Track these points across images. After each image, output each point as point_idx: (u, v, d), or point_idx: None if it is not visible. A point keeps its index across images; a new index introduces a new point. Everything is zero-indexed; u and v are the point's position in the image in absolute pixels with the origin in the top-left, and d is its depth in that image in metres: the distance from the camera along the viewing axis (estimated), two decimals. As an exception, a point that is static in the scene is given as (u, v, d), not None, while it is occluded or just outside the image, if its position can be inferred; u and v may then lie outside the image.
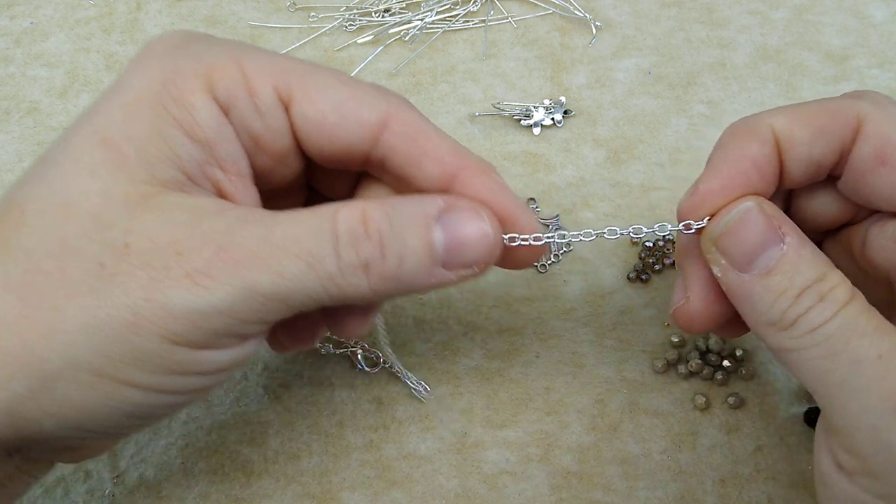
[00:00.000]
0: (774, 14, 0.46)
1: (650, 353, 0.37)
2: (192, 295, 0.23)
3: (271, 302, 0.23)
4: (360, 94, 0.26)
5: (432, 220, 0.24)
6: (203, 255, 0.23)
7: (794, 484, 0.34)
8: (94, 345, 0.22)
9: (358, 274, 0.24)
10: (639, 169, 0.41)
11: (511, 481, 0.34)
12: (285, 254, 0.23)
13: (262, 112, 0.25)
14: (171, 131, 0.24)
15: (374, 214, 0.24)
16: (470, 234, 0.25)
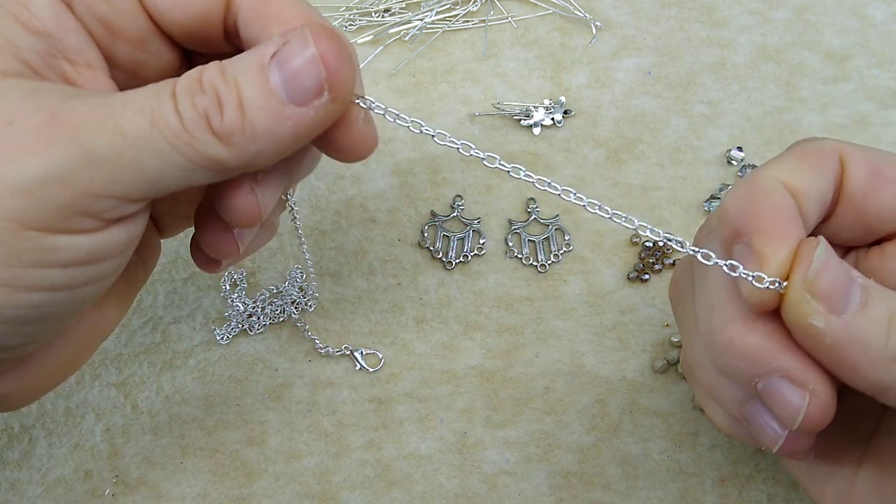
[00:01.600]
0: (774, 14, 0.46)
1: (650, 353, 0.37)
2: (24, 165, 0.21)
3: (118, 169, 0.21)
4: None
5: (266, 62, 0.22)
6: (34, 122, 0.21)
7: (794, 484, 0.34)
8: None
9: (203, 128, 0.22)
10: (639, 169, 0.41)
11: (511, 481, 0.34)
12: (123, 112, 0.21)
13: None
14: (8, 25, 0.23)
15: (209, 70, 0.22)
16: (300, 61, 0.22)
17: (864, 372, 0.23)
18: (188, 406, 0.36)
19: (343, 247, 0.39)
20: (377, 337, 0.37)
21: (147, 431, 0.35)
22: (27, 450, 0.35)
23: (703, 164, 0.42)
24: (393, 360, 0.37)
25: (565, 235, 0.40)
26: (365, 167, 0.42)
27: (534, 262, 0.39)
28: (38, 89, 0.22)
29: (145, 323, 0.37)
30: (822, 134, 0.42)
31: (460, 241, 0.39)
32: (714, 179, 0.41)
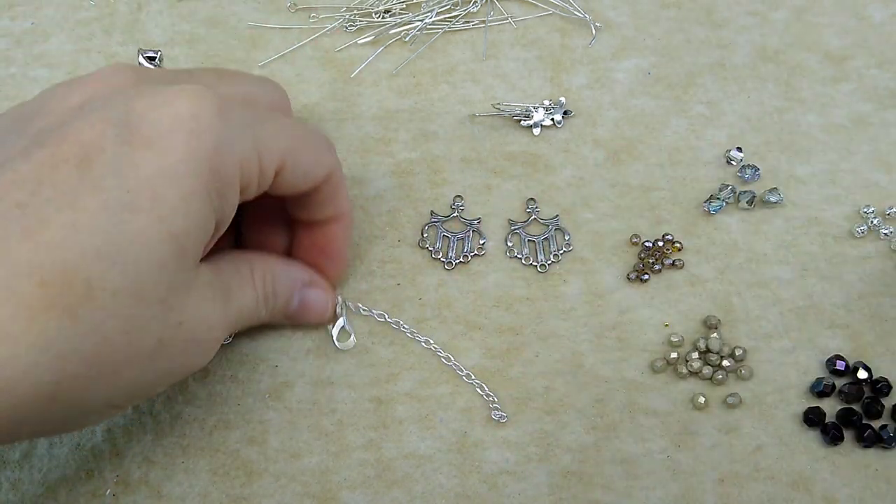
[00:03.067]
0: (774, 15, 0.46)
1: (650, 353, 0.37)
2: (202, 356, 0.31)
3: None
4: (320, 156, 0.33)
5: (297, 288, 0.36)
6: (216, 334, 0.31)
7: (793, 484, 0.34)
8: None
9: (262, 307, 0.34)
10: (638, 169, 0.42)
11: (511, 481, 0.34)
12: (240, 315, 0.33)
13: (261, 186, 0.31)
14: (211, 223, 0.29)
15: (269, 285, 0.34)
16: (314, 309, 0.37)
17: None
18: (189, 406, 0.36)
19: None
20: (377, 337, 0.37)
21: (148, 431, 0.35)
22: (28, 450, 0.35)
23: (702, 165, 0.42)
24: (393, 360, 0.37)
25: (565, 235, 0.40)
26: (364, 168, 0.42)
27: (534, 262, 0.39)
28: (216, 292, 0.31)
29: (146, 323, 0.37)
30: (822, 134, 0.42)
31: (460, 241, 0.40)
32: (713, 180, 0.41)
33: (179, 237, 0.27)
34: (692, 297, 0.38)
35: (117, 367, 0.27)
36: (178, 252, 0.27)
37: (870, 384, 0.36)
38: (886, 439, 0.34)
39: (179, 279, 0.28)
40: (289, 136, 0.31)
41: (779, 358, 0.37)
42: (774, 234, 0.40)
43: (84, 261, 0.25)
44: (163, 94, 0.28)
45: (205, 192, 0.28)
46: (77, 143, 0.26)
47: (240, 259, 0.33)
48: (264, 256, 0.35)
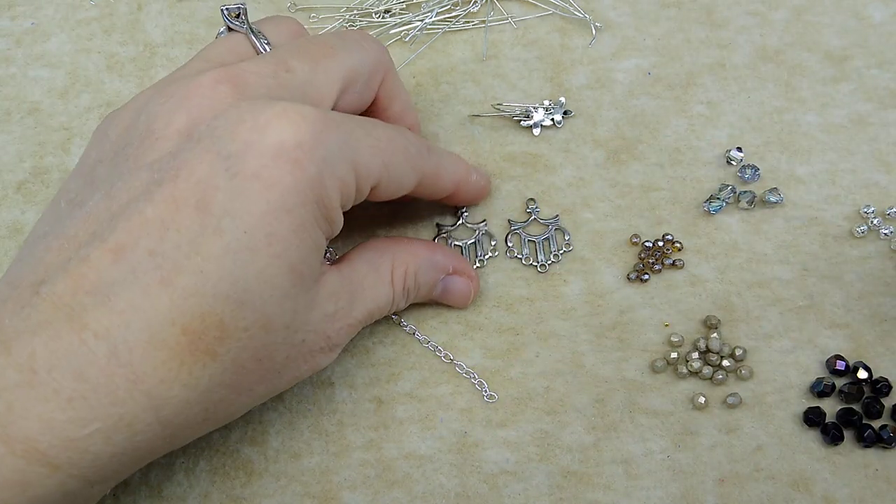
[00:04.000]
0: (774, 15, 0.46)
1: (650, 353, 0.37)
2: (327, 358, 0.33)
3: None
4: (415, 165, 0.34)
5: (440, 278, 0.37)
6: (338, 339, 0.33)
7: (793, 483, 0.34)
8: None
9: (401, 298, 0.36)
10: (638, 169, 0.42)
11: (511, 481, 0.34)
12: (369, 314, 0.34)
13: (357, 201, 0.32)
14: (322, 244, 0.30)
15: (410, 280, 0.36)
16: (458, 292, 0.38)
17: None
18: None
19: (343, 248, 0.40)
20: (377, 337, 0.37)
21: (148, 431, 0.35)
22: (28, 450, 0.35)
23: (702, 165, 0.42)
24: (393, 360, 0.37)
25: (565, 235, 0.40)
26: (365, 168, 0.42)
27: (534, 262, 0.39)
28: (336, 306, 0.32)
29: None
30: (822, 134, 0.42)
31: (472, 246, 0.40)
32: (713, 180, 0.41)
33: (296, 267, 0.29)
34: (692, 297, 0.38)
35: (252, 386, 0.30)
36: (297, 281, 0.29)
37: (870, 384, 0.36)
38: (886, 439, 0.34)
39: (301, 303, 0.30)
40: (384, 153, 0.32)
41: (779, 358, 0.37)
42: (774, 234, 0.40)
43: (216, 304, 0.27)
44: (265, 117, 0.28)
45: (312, 220, 0.29)
46: (193, 181, 0.28)
47: (382, 253, 0.35)
48: (410, 247, 0.36)
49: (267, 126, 0.28)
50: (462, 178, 0.37)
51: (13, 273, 0.29)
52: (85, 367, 0.26)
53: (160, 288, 0.27)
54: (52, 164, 0.42)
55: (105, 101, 0.44)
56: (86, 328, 0.26)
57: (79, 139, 0.43)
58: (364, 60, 0.34)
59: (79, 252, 0.27)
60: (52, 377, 0.25)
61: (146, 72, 0.45)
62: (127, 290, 0.27)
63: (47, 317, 0.26)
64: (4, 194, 0.41)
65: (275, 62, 0.32)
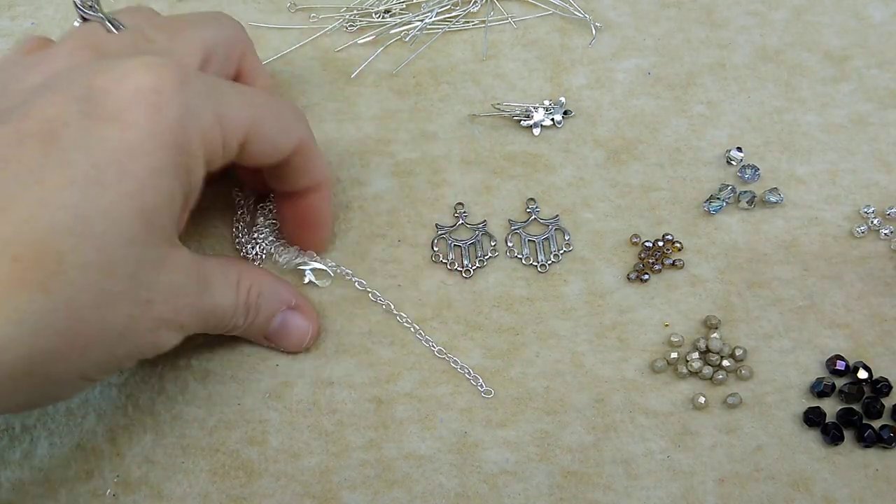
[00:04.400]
0: (774, 15, 0.46)
1: (650, 353, 0.37)
2: (172, 337, 0.31)
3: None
4: (286, 126, 0.33)
5: (281, 309, 0.36)
6: (186, 319, 0.31)
7: (793, 483, 0.34)
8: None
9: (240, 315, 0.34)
10: (638, 169, 0.42)
11: (511, 481, 0.34)
12: (214, 312, 0.33)
13: (226, 157, 0.31)
14: (180, 198, 0.29)
15: (253, 296, 0.34)
16: (295, 331, 0.36)
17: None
18: (189, 406, 0.36)
19: (343, 248, 0.40)
20: (377, 337, 0.37)
21: (148, 431, 0.35)
22: (28, 450, 0.35)
23: (702, 165, 0.42)
24: (393, 360, 0.37)
25: (565, 235, 0.40)
26: (364, 169, 0.42)
27: (534, 262, 0.39)
28: (188, 277, 0.31)
29: (146, 323, 0.37)
30: (822, 134, 0.42)
31: (472, 247, 0.40)
32: (714, 180, 0.41)
33: (148, 212, 0.27)
34: (692, 297, 0.38)
35: (89, 342, 0.28)
36: (147, 227, 0.28)
37: (870, 384, 0.36)
38: (886, 439, 0.34)
39: (149, 255, 0.28)
40: (252, 107, 0.31)
41: (779, 358, 0.37)
42: (774, 234, 0.40)
43: (54, 235, 0.26)
44: (123, 68, 0.28)
45: (171, 167, 0.28)
46: (41, 119, 0.27)
47: (230, 264, 0.34)
48: (256, 270, 0.35)
49: (126, 74, 0.28)
50: (329, 178, 0.37)
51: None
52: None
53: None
54: (52, 164, 0.42)
55: (105, 101, 0.44)
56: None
57: (79, 139, 0.43)
58: (221, 35, 0.34)
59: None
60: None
61: (146, 72, 0.45)
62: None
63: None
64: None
65: (134, 35, 0.32)
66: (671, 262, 0.39)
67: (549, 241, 0.40)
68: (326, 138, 0.42)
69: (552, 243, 0.40)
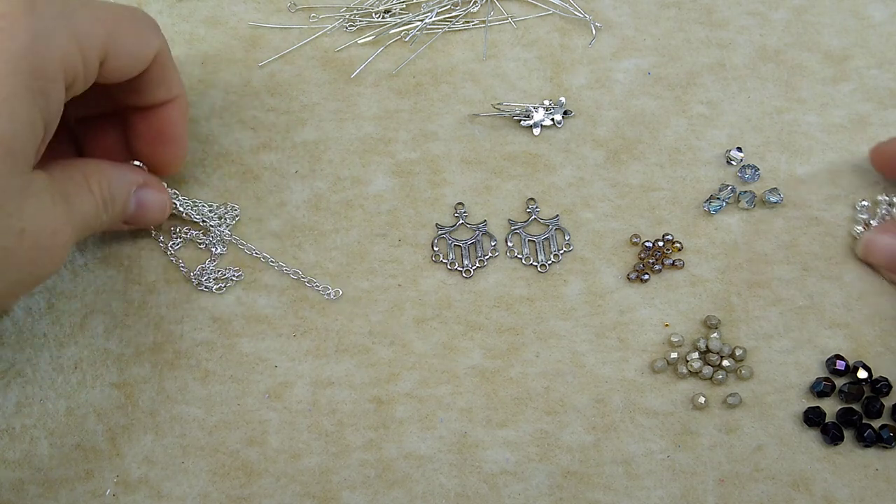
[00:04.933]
0: (774, 15, 0.46)
1: (650, 353, 0.37)
2: (51, 262, 0.31)
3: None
4: (144, 36, 0.33)
5: (132, 190, 0.36)
6: (63, 239, 0.31)
7: (793, 483, 0.34)
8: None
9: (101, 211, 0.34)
10: (638, 169, 0.42)
11: (511, 481, 0.34)
12: (84, 220, 0.33)
13: (88, 79, 0.31)
14: (39, 123, 0.29)
15: (106, 189, 0.34)
16: (151, 206, 0.37)
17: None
18: (189, 406, 0.36)
19: (343, 247, 0.40)
20: (377, 337, 0.37)
21: (148, 431, 0.35)
22: (28, 450, 0.35)
23: (702, 165, 0.42)
24: (393, 360, 0.37)
25: (565, 235, 0.40)
26: (365, 168, 0.42)
27: (534, 262, 0.39)
28: (55, 199, 0.31)
29: (147, 323, 0.37)
30: (822, 135, 0.42)
31: (472, 247, 0.40)
32: (713, 180, 0.41)
33: (6, 140, 0.27)
34: (692, 297, 0.38)
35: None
36: (7, 156, 0.27)
37: (870, 384, 0.36)
38: (886, 439, 0.34)
39: (14, 184, 0.28)
40: (108, 21, 0.31)
41: (779, 358, 0.37)
42: (774, 234, 0.40)
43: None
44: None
45: (27, 93, 0.27)
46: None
47: (72, 167, 0.33)
48: (96, 162, 0.35)
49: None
50: (183, 93, 0.36)
51: None
52: None
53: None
54: (52, 164, 0.42)
55: (105, 101, 0.44)
56: None
57: (79, 139, 0.43)
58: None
59: None
60: None
61: (146, 72, 0.45)
62: None
63: None
64: None
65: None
66: (671, 262, 0.39)
67: (549, 241, 0.40)
68: (326, 138, 0.42)
69: (552, 243, 0.40)
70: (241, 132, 0.43)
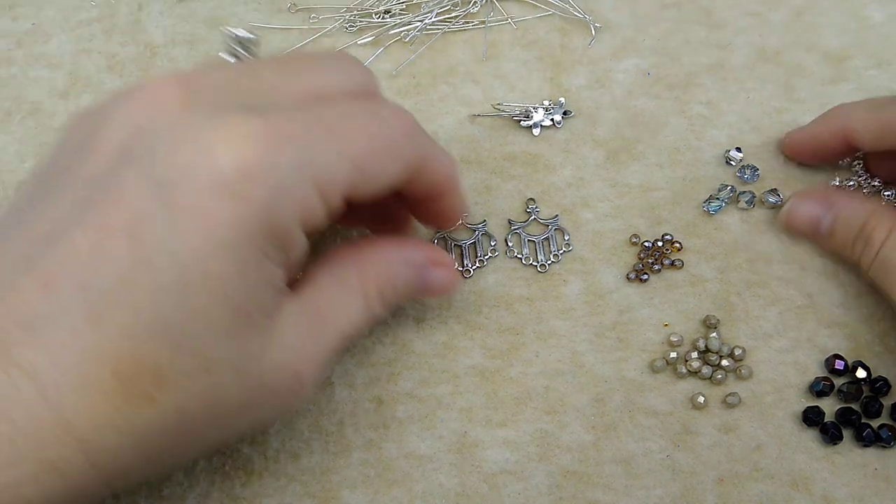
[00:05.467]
0: (773, 15, 0.46)
1: (649, 353, 0.37)
2: (297, 398, 0.30)
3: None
4: (395, 155, 0.29)
5: (418, 274, 0.33)
6: (310, 374, 0.30)
7: (793, 483, 0.34)
8: None
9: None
10: (638, 169, 0.42)
11: (511, 480, 0.34)
12: (342, 336, 0.31)
13: (331, 215, 0.29)
14: (279, 273, 0.28)
15: (383, 284, 0.32)
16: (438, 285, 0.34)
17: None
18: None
19: (343, 247, 0.40)
20: (377, 337, 0.37)
21: (148, 431, 0.35)
22: (29, 449, 0.35)
23: (702, 165, 0.42)
24: (393, 360, 0.37)
25: (565, 235, 0.40)
26: (365, 168, 0.42)
27: (534, 262, 0.39)
28: (304, 339, 0.29)
29: (146, 323, 0.38)
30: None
31: (472, 247, 0.40)
32: (713, 180, 0.41)
33: (240, 306, 0.26)
34: (692, 297, 0.38)
35: (201, 430, 0.27)
36: (243, 320, 0.26)
37: (869, 383, 0.36)
38: (885, 439, 0.34)
39: (252, 344, 0.27)
40: (353, 155, 0.28)
41: (778, 357, 0.37)
42: (774, 233, 0.40)
43: (150, 347, 0.25)
44: (207, 136, 0.26)
45: (260, 253, 0.26)
46: (123, 206, 0.25)
47: (346, 263, 0.31)
48: (376, 248, 0.33)
49: (208, 148, 0.25)
50: (452, 177, 0.33)
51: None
52: (11, 407, 0.24)
53: (88, 325, 0.25)
54: (53, 164, 0.42)
55: (105, 101, 0.44)
56: (13, 364, 0.24)
57: (79, 139, 0.43)
58: (343, 80, 0.31)
59: (9, 277, 0.26)
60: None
61: (147, 72, 0.45)
62: (55, 324, 0.25)
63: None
64: (5, 195, 0.41)
65: (241, 67, 0.30)
66: (671, 262, 0.39)
67: (548, 241, 0.40)
68: (326, 138, 0.42)
69: (552, 243, 0.40)
70: (242, 132, 0.43)
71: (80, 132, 0.29)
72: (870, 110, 0.38)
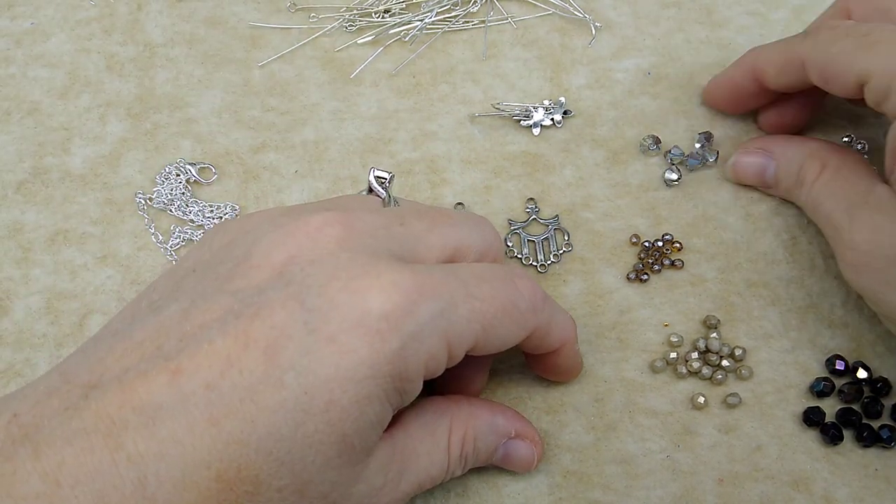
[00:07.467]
0: (774, 15, 0.46)
1: (649, 353, 0.37)
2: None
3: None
4: (520, 322, 0.30)
5: (501, 442, 0.34)
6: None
7: (793, 483, 0.34)
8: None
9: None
10: (638, 169, 0.42)
11: (510, 481, 0.34)
12: (419, 485, 0.31)
13: (450, 365, 0.29)
14: (387, 416, 0.28)
15: (469, 446, 0.32)
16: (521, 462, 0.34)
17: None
18: None
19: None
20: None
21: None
22: (28, 449, 0.35)
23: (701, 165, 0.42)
24: (393, 360, 0.37)
25: (565, 235, 0.40)
26: (365, 168, 0.42)
27: (534, 262, 0.39)
28: (418, 476, 0.31)
29: (146, 323, 0.37)
30: (822, 136, 0.42)
31: None
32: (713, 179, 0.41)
33: (348, 438, 0.27)
34: (692, 297, 0.38)
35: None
36: (347, 452, 0.27)
37: (869, 384, 0.36)
38: (886, 439, 0.34)
39: (345, 475, 0.28)
40: (486, 314, 0.29)
41: (778, 358, 0.37)
42: (774, 233, 0.40)
43: (257, 458, 0.26)
44: (358, 279, 0.27)
45: (381, 394, 0.27)
46: (269, 324, 0.26)
47: (440, 415, 0.32)
48: (470, 408, 0.33)
49: (358, 289, 0.27)
50: (570, 338, 0.33)
51: (71, 365, 0.28)
52: (109, 491, 0.24)
53: (206, 426, 0.25)
54: (52, 164, 0.42)
55: (105, 100, 0.44)
56: (121, 448, 0.25)
57: (78, 139, 0.43)
58: (478, 240, 0.32)
59: (139, 364, 0.26)
60: (75, 494, 0.24)
61: (146, 72, 0.45)
62: (173, 418, 0.25)
63: (87, 425, 0.25)
64: (4, 194, 0.41)
65: (392, 215, 0.31)
66: (671, 262, 0.39)
67: (548, 241, 0.40)
68: (326, 138, 0.42)
69: (552, 243, 0.40)
70: (241, 132, 0.43)
71: (234, 246, 0.30)
72: (776, 46, 0.38)
